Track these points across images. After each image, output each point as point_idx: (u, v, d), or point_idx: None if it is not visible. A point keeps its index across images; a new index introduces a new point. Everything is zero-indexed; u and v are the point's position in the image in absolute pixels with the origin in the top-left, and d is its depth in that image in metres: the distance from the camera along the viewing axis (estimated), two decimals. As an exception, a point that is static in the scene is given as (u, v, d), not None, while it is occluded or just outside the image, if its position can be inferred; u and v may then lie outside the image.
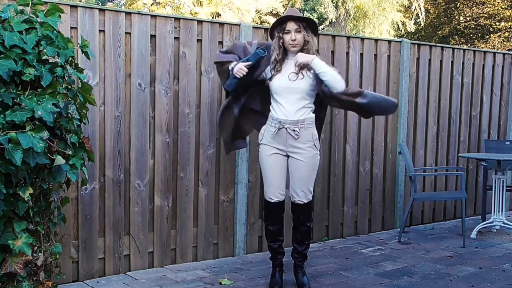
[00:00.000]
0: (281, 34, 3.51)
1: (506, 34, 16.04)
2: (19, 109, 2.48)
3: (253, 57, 3.46)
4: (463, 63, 5.91)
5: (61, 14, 2.80)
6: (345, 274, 3.98)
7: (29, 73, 2.55)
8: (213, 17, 17.13)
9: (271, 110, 3.59)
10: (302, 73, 3.51)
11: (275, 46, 3.55)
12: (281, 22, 3.51)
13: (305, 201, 3.60)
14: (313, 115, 3.58)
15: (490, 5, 16.09)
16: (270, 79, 3.56)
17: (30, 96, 2.54)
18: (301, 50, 3.52)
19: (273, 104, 3.59)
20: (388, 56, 5.27)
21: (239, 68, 3.43)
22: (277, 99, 3.54)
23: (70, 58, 2.82)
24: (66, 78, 2.81)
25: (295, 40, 3.47)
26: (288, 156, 3.59)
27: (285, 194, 3.66)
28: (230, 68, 3.52)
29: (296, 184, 3.59)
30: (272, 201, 3.62)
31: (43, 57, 2.62)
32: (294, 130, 3.49)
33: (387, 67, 5.28)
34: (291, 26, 3.47)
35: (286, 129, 3.50)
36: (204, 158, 4.21)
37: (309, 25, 3.53)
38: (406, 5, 18.63)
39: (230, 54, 3.62)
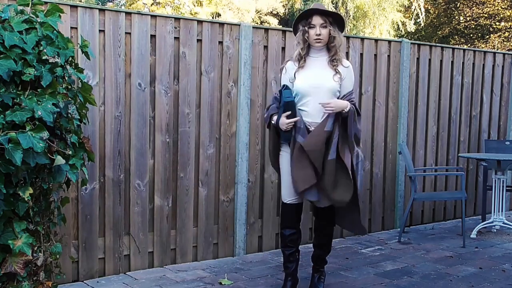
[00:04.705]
0: (306, 28, 3.35)
1: (506, 34, 16.05)
2: (19, 109, 2.48)
3: (286, 106, 3.32)
4: (463, 63, 5.91)
5: (61, 14, 2.80)
6: (345, 274, 3.98)
7: (29, 73, 2.55)
8: (213, 17, 17.14)
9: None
10: (328, 72, 3.37)
11: (299, 40, 3.39)
12: (306, 15, 3.36)
13: (327, 205, 3.40)
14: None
15: (490, 5, 16.10)
16: (294, 77, 3.39)
17: (30, 96, 2.54)
18: (327, 46, 3.38)
19: (298, 104, 3.39)
20: (388, 56, 5.27)
21: (286, 124, 3.30)
22: (303, 98, 3.37)
23: (70, 58, 2.82)
24: (66, 78, 2.81)
25: (320, 35, 3.31)
26: None
27: (302, 197, 3.47)
28: (273, 124, 3.39)
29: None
30: (287, 202, 3.45)
31: (43, 57, 2.62)
32: None
33: (387, 67, 5.28)
34: (316, 20, 3.31)
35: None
36: (204, 158, 4.21)
37: (336, 21, 3.39)
38: (406, 5, 18.64)
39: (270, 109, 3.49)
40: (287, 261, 3.54)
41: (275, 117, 3.40)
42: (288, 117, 3.32)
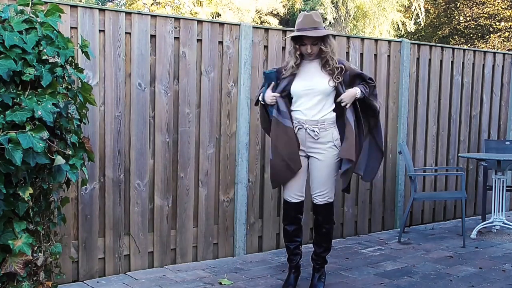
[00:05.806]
0: (297, 46, 3.51)
1: (506, 34, 16.04)
2: (19, 109, 2.48)
3: (266, 80, 3.59)
4: (463, 63, 5.91)
5: (61, 14, 2.80)
6: (345, 274, 3.98)
7: (29, 73, 2.55)
8: (213, 17, 17.14)
9: (292, 112, 3.57)
10: (321, 75, 3.52)
11: (292, 55, 3.54)
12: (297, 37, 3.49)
13: (324, 202, 3.58)
14: (334, 114, 3.55)
15: (490, 5, 16.10)
16: (289, 85, 3.54)
17: (30, 96, 2.54)
18: (318, 57, 3.52)
19: (293, 106, 3.58)
20: (388, 56, 5.27)
21: (270, 97, 3.53)
22: (298, 100, 3.54)
23: (70, 58, 2.82)
24: (66, 78, 2.81)
25: (311, 52, 3.48)
26: (308, 157, 3.57)
27: (304, 195, 3.63)
28: (261, 100, 3.62)
29: (315, 185, 3.58)
30: (290, 202, 3.61)
31: (43, 57, 2.62)
32: (313, 131, 3.48)
33: (387, 67, 5.28)
34: (307, 40, 3.46)
35: (306, 129, 3.50)
36: (204, 158, 4.21)
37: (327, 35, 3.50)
38: (406, 5, 18.63)
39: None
40: (291, 254, 3.67)
41: (260, 95, 3.63)
42: (272, 89, 3.55)
